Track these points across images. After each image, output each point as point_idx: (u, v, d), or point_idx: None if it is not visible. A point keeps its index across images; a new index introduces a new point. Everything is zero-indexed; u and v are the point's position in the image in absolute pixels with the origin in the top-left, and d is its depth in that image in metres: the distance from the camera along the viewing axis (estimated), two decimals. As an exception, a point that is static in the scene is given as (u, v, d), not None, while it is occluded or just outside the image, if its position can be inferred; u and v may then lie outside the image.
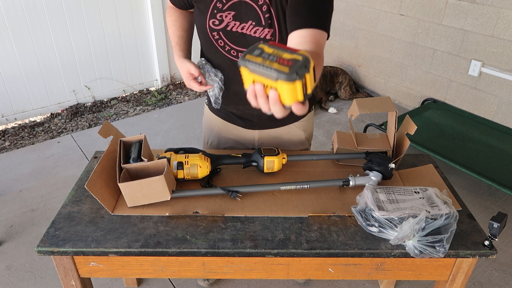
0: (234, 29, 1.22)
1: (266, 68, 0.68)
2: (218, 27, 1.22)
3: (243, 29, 1.21)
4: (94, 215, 1.18)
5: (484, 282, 1.94)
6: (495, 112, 2.98)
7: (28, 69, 3.17)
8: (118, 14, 3.45)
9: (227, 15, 1.20)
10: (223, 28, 1.22)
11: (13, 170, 2.71)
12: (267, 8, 1.16)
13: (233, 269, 1.15)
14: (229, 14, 1.20)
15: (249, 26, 1.20)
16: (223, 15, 1.20)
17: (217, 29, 1.23)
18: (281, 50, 0.71)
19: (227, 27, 1.22)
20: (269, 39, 1.20)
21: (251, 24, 1.19)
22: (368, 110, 1.34)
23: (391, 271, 1.16)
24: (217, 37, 1.25)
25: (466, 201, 2.42)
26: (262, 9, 1.17)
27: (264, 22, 1.18)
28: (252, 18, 1.19)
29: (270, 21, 1.18)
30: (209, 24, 1.22)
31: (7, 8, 2.91)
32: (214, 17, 1.21)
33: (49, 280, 1.90)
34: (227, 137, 1.53)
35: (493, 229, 1.06)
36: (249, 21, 1.19)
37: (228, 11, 1.19)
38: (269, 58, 0.69)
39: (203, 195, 1.25)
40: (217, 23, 1.22)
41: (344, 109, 3.58)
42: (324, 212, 1.20)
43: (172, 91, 3.92)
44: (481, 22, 2.86)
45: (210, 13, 1.21)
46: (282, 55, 0.70)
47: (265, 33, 1.20)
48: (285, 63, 0.68)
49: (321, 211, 1.20)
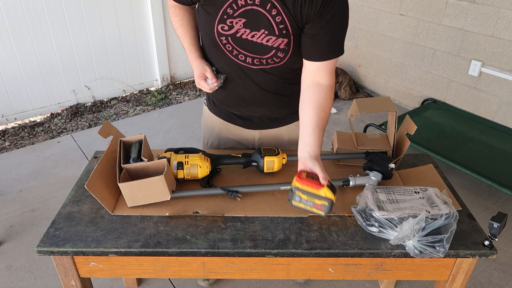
0: (244, 36, 1.19)
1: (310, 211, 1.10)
2: (227, 32, 1.19)
3: (254, 37, 1.18)
4: (94, 215, 1.18)
5: (484, 282, 1.94)
6: (495, 112, 2.98)
7: (28, 69, 3.17)
8: (118, 14, 3.45)
9: (237, 21, 1.16)
10: (233, 34, 1.19)
11: (13, 170, 2.71)
12: (281, 19, 1.13)
13: (233, 269, 1.15)
14: (240, 21, 1.16)
15: (261, 35, 1.17)
16: (234, 21, 1.17)
17: (225, 34, 1.20)
18: (311, 196, 1.05)
19: (237, 33, 1.18)
20: (283, 48, 1.19)
21: (264, 33, 1.17)
22: (368, 110, 1.34)
23: (391, 271, 1.16)
24: (225, 41, 1.21)
25: (466, 201, 2.42)
26: (276, 19, 1.13)
27: (277, 32, 1.16)
28: (264, 27, 1.16)
29: (284, 31, 1.15)
30: (218, 28, 1.19)
31: (7, 8, 2.91)
32: (224, 23, 1.17)
33: (49, 280, 1.90)
34: (228, 137, 1.53)
35: (493, 229, 1.06)
36: (261, 29, 1.16)
37: (239, 17, 1.16)
38: (307, 204, 1.07)
39: (203, 195, 1.25)
40: (226, 28, 1.18)
41: (344, 109, 3.58)
42: (324, 212, 1.20)
43: (172, 91, 3.92)
44: (481, 22, 2.86)
45: (219, 18, 1.17)
46: (315, 201, 1.06)
47: (279, 42, 1.18)
48: (319, 207, 1.07)
49: (321, 211, 1.20)
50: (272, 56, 1.21)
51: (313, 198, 1.03)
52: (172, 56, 3.93)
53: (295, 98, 1.27)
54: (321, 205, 1.03)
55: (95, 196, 1.11)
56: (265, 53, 1.21)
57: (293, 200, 1.06)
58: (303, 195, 1.04)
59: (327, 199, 1.03)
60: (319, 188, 1.03)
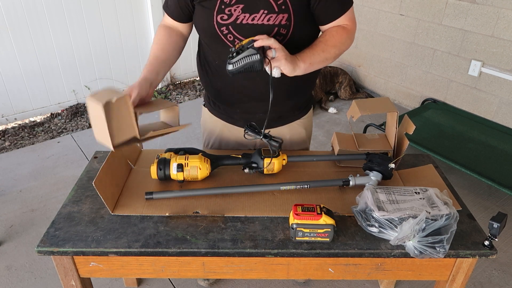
0: (244, 21, 1.21)
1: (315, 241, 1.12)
2: (227, 21, 1.21)
3: (254, 20, 1.20)
4: (94, 215, 1.18)
5: (484, 282, 1.94)
6: (495, 112, 2.98)
7: (28, 69, 3.17)
8: (118, 14, 3.45)
9: (235, 8, 1.19)
10: (233, 22, 1.21)
11: (13, 170, 2.71)
12: None
13: (233, 269, 1.15)
14: (238, 7, 1.19)
15: (261, 15, 1.19)
16: (232, 9, 1.19)
17: (225, 23, 1.22)
18: (313, 227, 1.07)
19: (237, 20, 1.21)
20: (285, 23, 1.20)
21: (263, 13, 1.19)
22: (369, 111, 1.34)
23: (391, 271, 1.16)
24: (226, 31, 1.23)
25: (466, 201, 2.42)
26: None
27: (277, 8, 1.18)
28: (263, 7, 1.18)
29: (284, 6, 1.18)
30: (217, 19, 1.21)
31: (7, 8, 2.91)
32: (223, 12, 1.20)
33: (49, 280, 1.90)
34: (229, 139, 1.52)
35: (493, 229, 1.06)
36: (260, 10, 1.19)
37: (236, 4, 1.19)
38: (311, 235, 1.09)
39: (203, 195, 1.25)
40: (225, 17, 1.21)
41: (344, 109, 3.58)
42: (324, 212, 1.20)
43: (172, 91, 3.92)
44: (481, 22, 2.86)
45: (217, 8, 1.20)
46: (317, 231, 1.08)
47: (280, 19, 1.20)
48: (323, 235, 1.10)
49: (321, 211, 1.20)
50: (275, 35, 1.23)
51: (315, 229, 1.06)
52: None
53: (299, 88, 1.28)
54: (324, 232, 1.07)
55: (100, 195, 1.11)
56: (267, 33, 1.22)
57: (296, 237, 1.08)
58: (305, 229, 1.07)
59: (328, 225, 1.06)
60: (318, 218, 1.06)
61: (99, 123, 1.06)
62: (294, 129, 1.50)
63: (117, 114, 1.06)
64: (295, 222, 1.07)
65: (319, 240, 1.09)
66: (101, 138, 1.10)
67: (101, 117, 1.03)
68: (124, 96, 1.06)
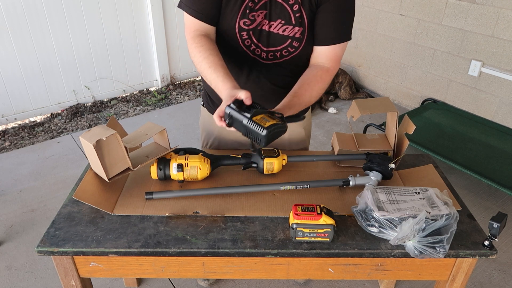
0: (264, 27, 1.22)
1: (315, 241, 1.13)
2: (249, 27, 1.21)
3: (271, 28, 1.21)
4: (94, 215, 1.18)
5: (484, 282, 1.94)
6: (495, 112, 2.98)
7: (28, 69, 3.17)
8: (118, 14, 3.45)
9: (259, 14, 1.20)
10: (254, 28, 1.21)
11: (13, 170, 2.71)
12: (298, 7, 1.18)
13: (233, 269, 1.15)
14: (262, 13, 1.20)
15: (278, 25, 1.20)
16: (256, 14, 1.20)
17: (247, 29, 1.22)
18: (313, 227, 1.08)
19: (258, 26, 1.21)
20: (298, 37, 1.21)
21: (280, 23, 1.19)
22: (369, 111, 1.34)
23: (391, 271, 1.16)
24: (246, 37, 1.23)
25: (466, 201, 2.42)
26: (293, 8, 1.18)
27: (294, 21, 1.19)
28: (281, 17, 1.19)
29: (300, 20, 1.19)
30: (240, 24, 1.21)
31: (7, 8, 2.91)
32: (246, 17, 1.20)
33: (49, 280, 1.90)
34: (228, 139, 1.52)
35: (493, 229, 1.06)
36: (277, 19, 1.19)
37: (260, 10, 1.19)
38: (311, 236, 1.09)
39: (203, 195, 1.25)
40: (248, 23, 1.21)
41: (344, 109, 3.58)
42: (324, 212, 1.20)
43: (172, 91, 3.92)
44: (481, 22, 2.86)
45: (241, 13, 1.19)
46: (317, 231, 1.08)
47: (295, 31, 1.21)
48: (323, 235, 1.09)
49: (321, 211, 1.20)
50: (287, 46, 1.24)
51: (315, 229, 1.07)
52: (172, 56, 3.93)
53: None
54: (324, 232, 1.07)
55: (88, 203, 1.12)
56: (281, 44, 1.24)
57: (296, 237, 1.09)
58: (305, 229, 1.07)
59: (328, 225, 1.06)
60: (318, 218, 1.06)
61: (93, 158, 1.18)
62: (294, 128, 1.50)
63: (109, 150, 1.18)
64: (295, 222, 1.07)
65: (319, 240, 1.09)
66: (97, 171, 1.24)
67: (94, 154, 1.15)
68: (114, 134, 1.16)
